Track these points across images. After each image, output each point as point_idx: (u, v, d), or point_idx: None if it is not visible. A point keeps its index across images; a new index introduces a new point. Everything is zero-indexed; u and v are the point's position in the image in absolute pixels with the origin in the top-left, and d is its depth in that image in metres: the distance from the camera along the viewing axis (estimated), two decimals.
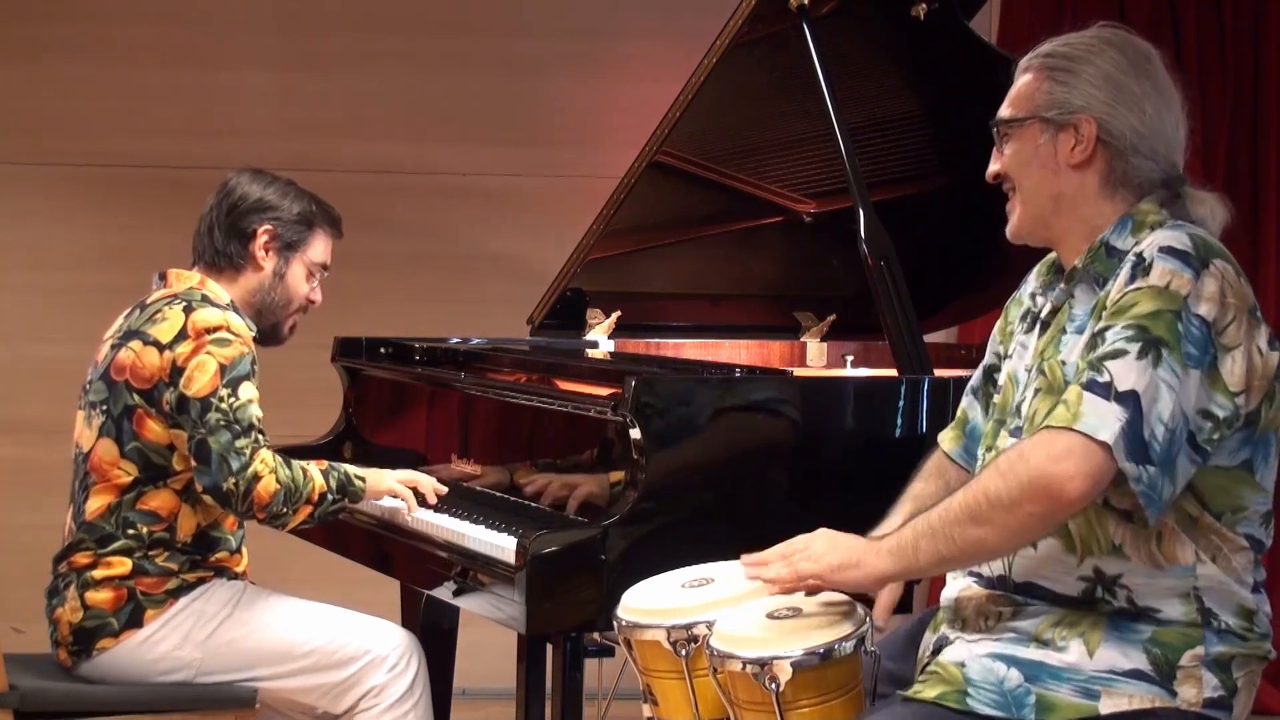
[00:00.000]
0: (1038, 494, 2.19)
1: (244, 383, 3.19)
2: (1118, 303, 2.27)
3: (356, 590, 3.81)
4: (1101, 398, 2.19)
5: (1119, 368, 2.21)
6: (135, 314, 3.30)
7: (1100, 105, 2.39)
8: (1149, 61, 2.43)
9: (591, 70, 5.40)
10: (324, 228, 3.43)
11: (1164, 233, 2.32)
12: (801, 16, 3.52)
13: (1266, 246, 5.45)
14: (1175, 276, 2.24)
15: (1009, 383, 2.52)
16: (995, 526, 2.23)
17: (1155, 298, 2.24)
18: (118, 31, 5.32)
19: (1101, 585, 2.31)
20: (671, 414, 2.97)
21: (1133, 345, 2.21)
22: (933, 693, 2.32)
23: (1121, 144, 2.39)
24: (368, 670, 3.24)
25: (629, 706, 3.42)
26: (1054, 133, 2.41)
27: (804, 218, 4.10)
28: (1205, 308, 2.24)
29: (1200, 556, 2.29)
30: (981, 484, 2.25)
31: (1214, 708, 2.28)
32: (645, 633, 2.53)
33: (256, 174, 3.40)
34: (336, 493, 3.26)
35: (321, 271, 3.45)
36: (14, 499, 4.91)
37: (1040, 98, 2.43)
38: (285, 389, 5.03)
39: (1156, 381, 2.19)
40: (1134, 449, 2.18)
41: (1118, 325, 2.24)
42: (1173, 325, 2.22)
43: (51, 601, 3.26)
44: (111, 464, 3.22)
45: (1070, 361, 2.34)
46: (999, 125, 2.48)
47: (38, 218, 5.32)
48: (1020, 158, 2.45)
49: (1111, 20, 2.50)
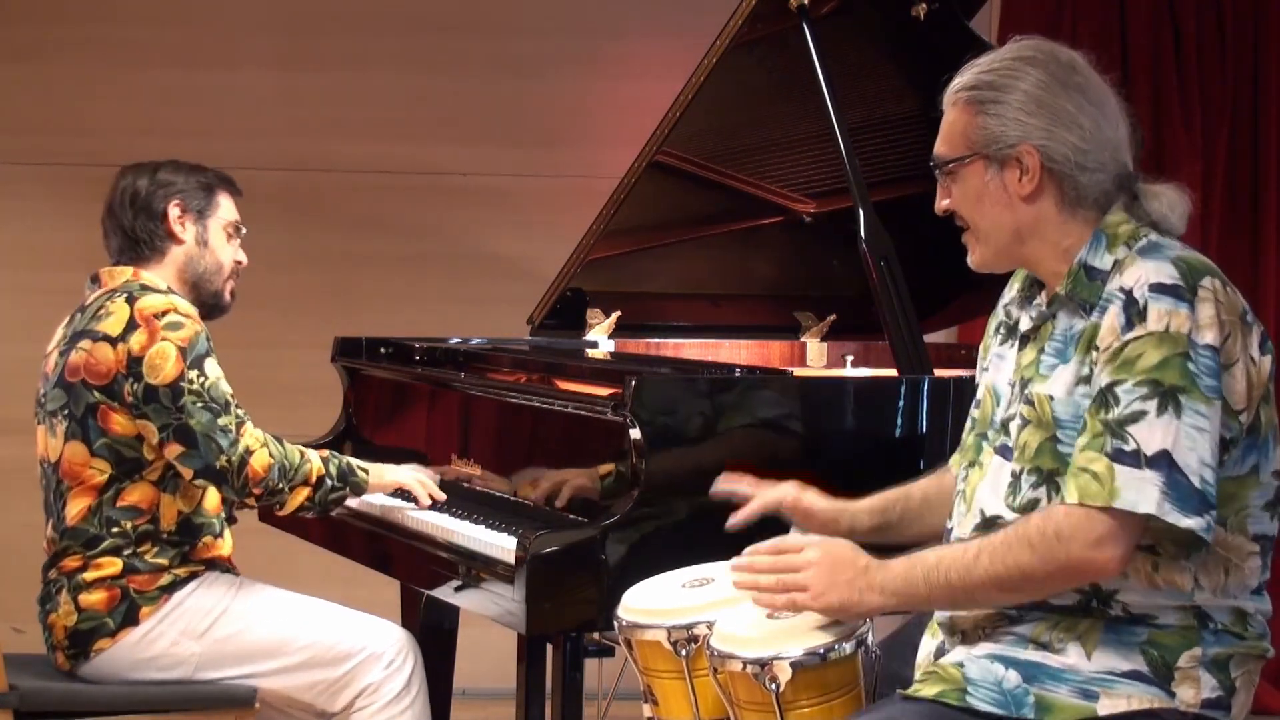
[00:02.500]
0: (1074, 575, 2.23)
1: (206, 360, 3.19)
2: (1121, 354, 2.22)
3: (356, 590, 3.81)
4: (1133, 468, 2.18)
5: (1142, 432, 2.19)
6: (77, 317, 3.31)
7: (1037, 132, 2.32)
8: (1074, 72, 2.36)
9: (591, 70, 5.40)
10: (223, 188, 3.44)
11: (1148, 264, 2.26)
12: (801, 16, 3.52)
13: (1266, 246, 5.45)
14: (1173, 316, 2.21)
15: (989, 395, 2.49)
16: (1023, 595, 2.28)
17: (1159, 345, 2.20)
18: (118, 31, 5.32)
19: (1098, 599, 2.30)
20: (671, 414, 2.97)
21: (1149, 404, 2.19)
22: (932, 690, 2.32)
23: (1067, 166, 2.33)
24: (364, 667, 3.24)
25: (629, 706, 3.42)
26: (998, 168, 2.35)
27: (804, 218, 4.10)
28: (1209, 335, 2.21)
29: (1199, 583, 2.28)
30: (1013, 558, 2.24)
31: (1212, 708, 2.28)
32: (645, 633, 2.53)
33: (138, 166, 3.42)
34: (337, 479, 3.28)
35: (238, 232, 3.45)
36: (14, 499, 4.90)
37: (975, 133, 2.36)
38: (285, 389, 5.06)
39: (1184, 431, 2.18)
40: (1189, 505, 2.17)
41: (1128, 383, 2.21)
42: (1184, 369, 2.19)
43: (45, 607, 3.27)
44: (84, 465, 3.21)
45: (1059, 398, 2.30)
46: (938, 165, 2.42)
47: (38, 218, 5.33)
48: (969, 197, 2.39)
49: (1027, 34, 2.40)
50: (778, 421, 3.10)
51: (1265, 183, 5.44)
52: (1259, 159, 5.45)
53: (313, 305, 5.24)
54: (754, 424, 3.06)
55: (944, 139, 2.42)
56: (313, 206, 5.21)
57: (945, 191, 2.43)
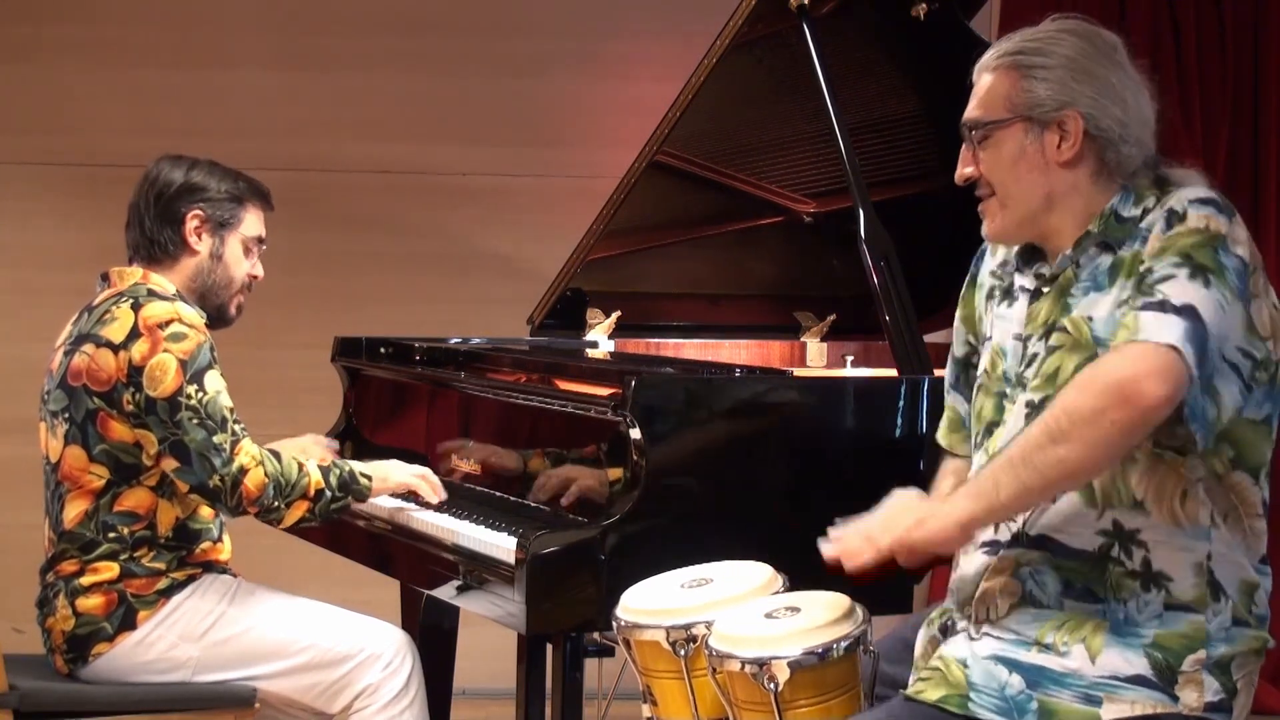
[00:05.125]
0: (1118, 399, 2.16)
1: (207, 374, 3.17)
2: (1160, 247, 2.26)
3: (356, 590, 3.81)
4: (1158, 312, 2.19)
5: (1172, 289, 2.21)
6: (84, 318, 3.29)
7: (1085, 99, 2.34)
8: (1116, 50, 2.38)
9: (591, 70, 5.40)
10: (253, 201, 3.40)
11: (1187, 190, 2.31)
12: (801, 16, 3.52)
13: (1266, 247, 5.44)
14: (1211, 220, 2.26)
15: (996, 354, 2.47)
16: (1078, 442, 2.19)
17: (1197, 234, 2.25)
18: (117, 31, 5.32)
19: (1119, 541, 2.29)
20: (671, 414, 2.97)
21: (1181, 270, 2.22)
22: (935, 694, 2.31)
23: (1110, 135, 2.35)
24: (362, 668, 3.24)
25: (629, 706, 3.42)
26: (1039, 132, 2.36)
27: (804, 218, 4.10)
28: (1241, 249, 2.26)
29: (1215, 519, 2.29)
30: (1060, 403, 2.22)
31: (1215, 711, 2.28)
32: (645, 633, 2.54)
33: (176, 159, 3.37)
34: (338, 490, 3.25)
35: (259, 246, 3.42)
36: (14, 499, 4.90)
37: (1019, 96, 2.36)
38: (285, 389, 5.06)
39: (1211, 298, 2.20)
40: (1201, 355, 2.18)
41: (1164, 260, 2.24)
42: (1217, 256, 2.23)
43: (42, 611, 3.26)
44: (82, 469, 3.21)
45: (1099, 318, 2.31)
46: (973, 128, 2.41)
47: (37, 218, 5.33)
48: (1003, 161, 2.39)
49: (1071, 13, 2.44)
50: (778, 422, 3.10)
51: (1265, 182, 5.45)
52: (1259, 159, 5.45)
53: (313, 305, 5.24)
54: (754, 424, 3.07)
55: (980, 104, 2.41)
56: (313, 206, 5.21)
57: (970, 158, 2.42)
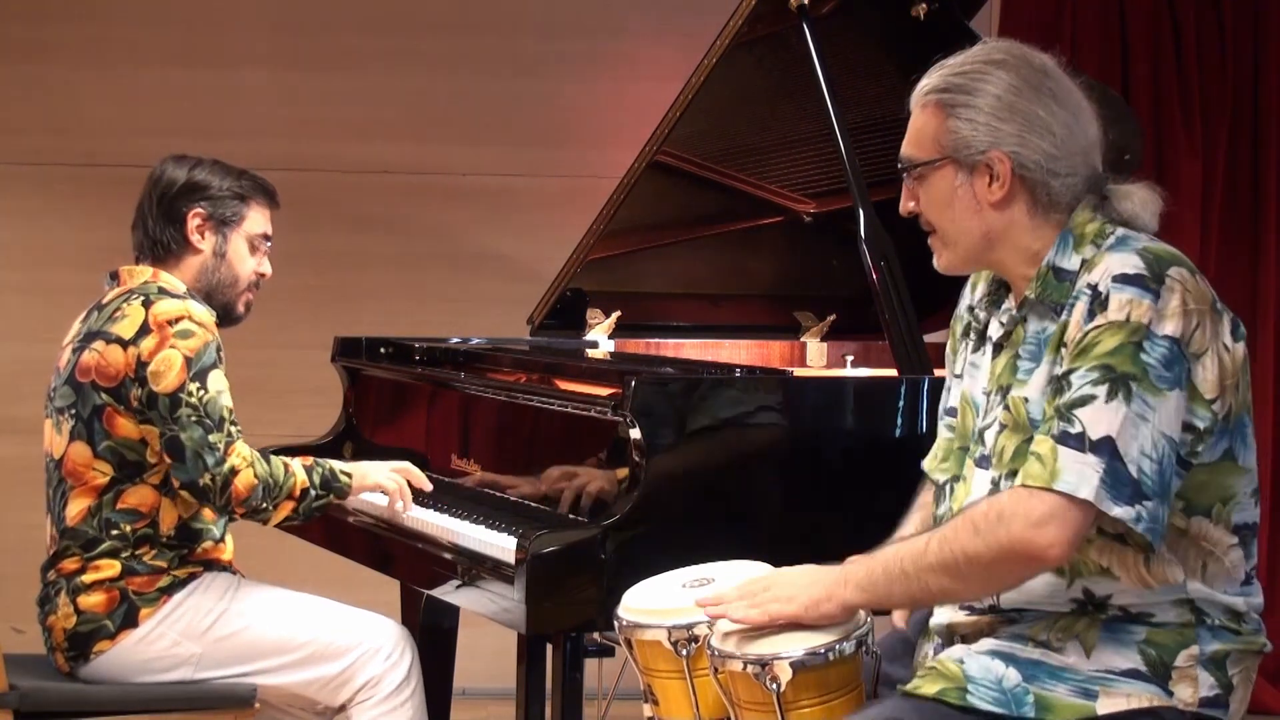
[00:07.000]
0: (1017, 559, 2.20)
1: (211, 373, 3.18)
2: (1080, 343, 2.22)
3: (356, 590, 3.80)
4: (1076, 450, 2.17)
5: (1089, 415, 2.18)
6: (93, 315, 3.30)
7: (1010, 140, 2.30)
8: (1046, 76, 2.33)
9: (592, 70, 5.40)
10: (258, 199, 3.40)
11: (1114, 256, 2.25)
12: (801, 16, 3.52)
13: (1266, 246, 5.45)
14: (1134, 305, 2.20)
15: (966, 406, 2.48)
16: (971, 581, 2.25)
17: (1116, 333, 2.20)
18: (118, 31, 5.32)
19: (1093, 604, 2.30)
20: (671, 414, 2.97)
21: (1099, 388, 2.18)
22: (933, 688, 2.31)
23: (1039, 173, 2.30)
24: (363, 661, 3.25)
25: (629, 706, 3.42)
26: (968, 174, 2.33)
27: (804, 218, 4.10)
28: (1170, 325, 2.20)
29: (1189, 572, 2.28)
30: (959, 542, 2.23)
31: (1211, 706, 2.28)
32: (646, 632, 2.53)
33: (180, 158, 3.38)
34: (320, 489, 3.27)
35: (264, 243, 3.42)
36: (14, 498, 4.91)
37: (945, 137, 2.34)
38: (284, 389, 5.07)
39: (1130, 419, 2.17)
40: (1121, 493, 2.16)
41: (1082, 368, 2.20)
42: (1136, 357, 2.18)
43: (44, 609, 3.27)
44: (86, 466, 3.21)
45: (1033, 399, 2.30)
46: (907, 167, 2.39)
47: (37, 217, 5.33)
48: (937, 201, 2.37)
49: (1007, 36, 2.40)
50: (778, 421, 3.10)
51: (1265, 182, 5.45)
52: (1259, 159, 5.45)
53: (313, 305, 5.24)
54: (754, 424, 3.06)
55: (912, 141, 2.39)
56: (313, 206, 5.21)
57: (911, 194, 2.41)
